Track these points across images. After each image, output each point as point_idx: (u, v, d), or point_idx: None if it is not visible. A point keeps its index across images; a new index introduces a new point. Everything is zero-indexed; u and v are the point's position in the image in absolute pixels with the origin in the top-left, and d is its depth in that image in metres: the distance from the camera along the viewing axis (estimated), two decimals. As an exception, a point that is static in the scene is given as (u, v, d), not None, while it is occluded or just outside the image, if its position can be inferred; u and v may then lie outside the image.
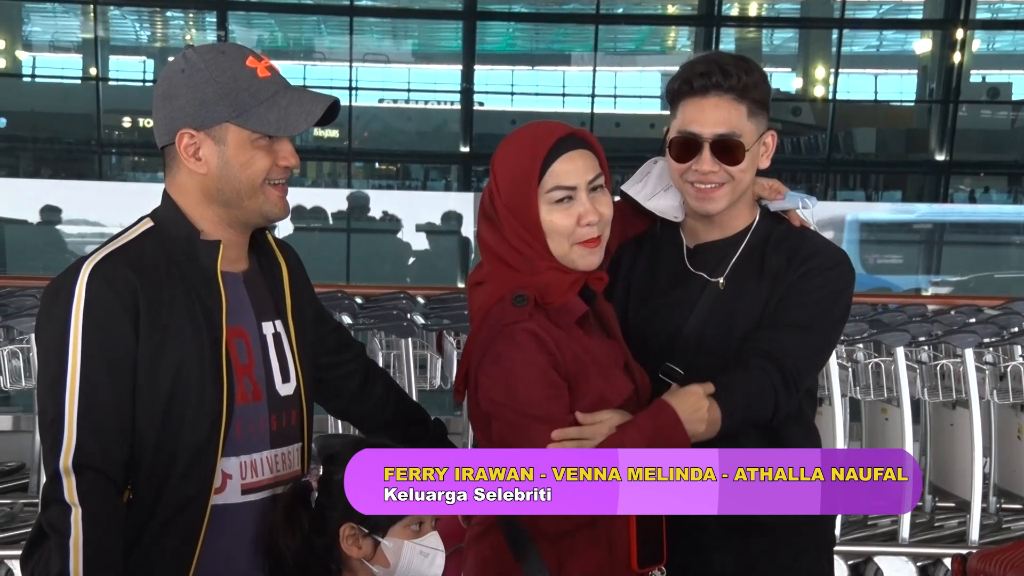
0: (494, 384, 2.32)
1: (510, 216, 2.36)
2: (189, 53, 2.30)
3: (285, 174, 2.32)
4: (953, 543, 5.71)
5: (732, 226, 2.63)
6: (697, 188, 2.55)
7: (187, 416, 2.22)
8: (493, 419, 2.34)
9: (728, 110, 2.51)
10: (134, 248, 2.26)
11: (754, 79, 2.52)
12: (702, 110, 2.51)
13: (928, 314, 7.05)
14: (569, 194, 2.35)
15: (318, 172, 19.21)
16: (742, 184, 2.56)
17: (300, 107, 2.27)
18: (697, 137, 2.51)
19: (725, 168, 2.52)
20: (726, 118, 2.51)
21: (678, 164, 2.55)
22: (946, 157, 17.10)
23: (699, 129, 2.51)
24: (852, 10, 17.90)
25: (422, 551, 2.32)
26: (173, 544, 2.24)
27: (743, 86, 2.50)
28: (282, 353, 2.39)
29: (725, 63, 2.51)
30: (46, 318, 2.23)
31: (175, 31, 19.86)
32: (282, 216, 2.35)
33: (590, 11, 17.57)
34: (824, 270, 2.57)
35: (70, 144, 18.01)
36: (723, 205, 2.56)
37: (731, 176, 2.53)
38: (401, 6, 18.65)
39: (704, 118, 2.51)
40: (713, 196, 2.54)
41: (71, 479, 2.14)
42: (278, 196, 2.32)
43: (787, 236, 2.63)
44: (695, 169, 2.53)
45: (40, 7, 18.66)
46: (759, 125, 2.55)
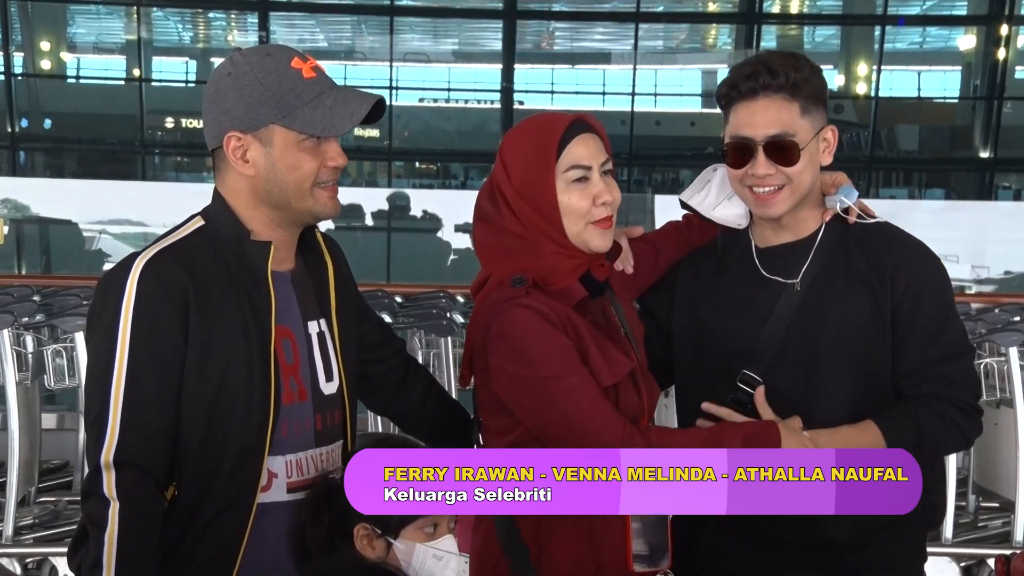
0: (508, 359, 2.31)
1: (521, 201, 2.36)
2: (236, 56, 2.31)
3: (334, 175, 2.32)
4: (997, 543, 5.67)
5: (803, 228, 2.56)
6: (756, 193, 2.49)
7: (234, 416, 2.23)
8: (521, 394, 2.32)
9: (779, 110, 2.45)
10: (185, 246, 2.27)
11: (804, 75, 2.46)
12: (752, 113, 2.46)
13: (972, 312, 6.99)
14: (585, 174, 2.36)
15: (359, 172, 19.29)
16: (803, 185, 2.48)
17: (345, 107, 2.28)
18: (749, 140, 2.46)
19: (781, 170, 2.45)
20: (777, 118, 2.44)
21: (735, 170, 2.49)
22: (990, 154, 16.96)
23: (751, 132, 2.46)
24: (895, 6, 17.80)
25: (435, 554, 2.30)
26: (218, 541, 2.25)
27: (793, 83, 2.44)
28: (326, 352, 2.40)
29: (772, 62, 2.46)
30: (97, 313, 2.25)
31: (217, 32, 20.00)
32: (333, 215, 2.35)
33: (630, 9, 17.54)
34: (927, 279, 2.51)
35: (114, 145, 18.17)
36: (785, 208, 2.49)
37: (789, 178, 2.46)
38: (441, 5, 18.70)
39: (755, 120, 2.45)
40: (773, 200, 2.48)
41: (111, 474, 2.15)
42: (328, 197, 2.32)
43: (869, 233, 2.55)
44: (751, 173, 2.47)
45: (84, 9, 18.84)
46: (815, 122, 2.48)
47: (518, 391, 2.32)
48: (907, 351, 2.48)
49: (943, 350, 2.49)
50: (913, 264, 2.51)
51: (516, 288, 2.33)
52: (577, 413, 2.27)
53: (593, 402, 2.28)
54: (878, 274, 2.50)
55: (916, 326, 2.48)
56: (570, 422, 2.28)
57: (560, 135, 2.35)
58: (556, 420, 2.29)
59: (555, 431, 2.30)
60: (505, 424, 2.38)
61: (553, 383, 2.28)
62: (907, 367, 2.48)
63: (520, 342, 2.30)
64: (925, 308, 2.48)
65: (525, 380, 2.30)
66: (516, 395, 2.32)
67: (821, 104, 2.50)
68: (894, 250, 2.52)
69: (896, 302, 2.48)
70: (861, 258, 2.52)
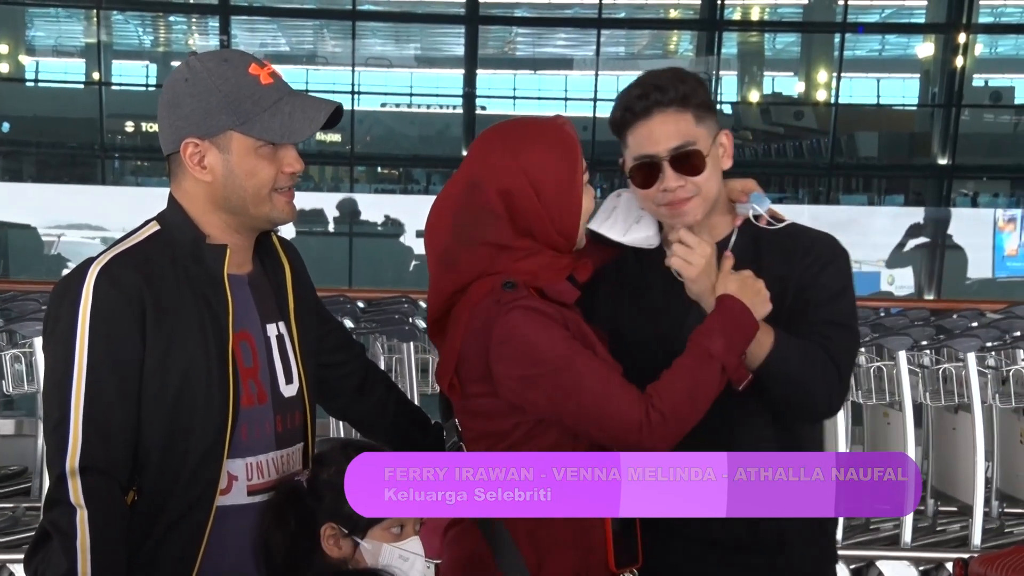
0: (515, 361, 2.33)
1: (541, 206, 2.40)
2: (192, 61, 2.30)
3: (291, 180, 2.33)
4: (955, 547, 5.71)
5: (715, 234, 2.61)
6: (669, 207, 2.53)
7: (194, 419, 2.23)
8: (534, 392, 2.33)
9: (675, 122, 2.49)
10: (141, 251, 2.27)
11: (690, 86, 2.51)
12: (651, 130, 2.50)
13: (930, 318, 7.05)
14: (588, 177, 2.47)
15: (320, 176, 19.22)
16: (711, 193, 2.54)
17: (303, 113, 2.28)
18: (654, 157, 2.50)
19: (691, 180, 2.50)
20: (676, 130, 2.49)
21: (644, 191, 2.54)
22: (948, 161, 17.09)
23: (653, 149, 2.50)
24: (854, 14, 17.92)
25: (401, 554, 2.31)
26: (178, 545, 2.25)
27: (682, 96, 2.50)
28: (285, 354, 2.40)
29: (658, 80, 2.52)
30: (53, 319, 2.24)
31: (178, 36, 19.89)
32: (290, 220, 2.36)
33: (592, 15, 17.58)
34: (828, 263, 2.58)
35: (73, 149, 18.03)
36: (699, 215, 2.54)
37: (698, 187, 2.51)
38: (403, 10, 18.68)
39: (655, 137, 2.50)
40: (685, 209, 2.52)
41: (76, 480, 2.15)
42: (285, 202, 2.33)
43: (779, 233, 2.61)
44: (662, 189, 2.51)
45: (43, 12, 18.70)
46: (710, 128, 2.54)
47: (530, 391, 2.34)
48: (798, 316, 2.53)
49: (830, 316, 2.54)
50: (819, 254, 2.58)
51: (509, 292, 2.35)
52: (593, 399, 2.30)
53: (606, 385, 2.31)
54: (792, 269, 2.56)
55: (811, 296, 2.54)
56: (588, 409, 2.31)
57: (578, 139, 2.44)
58: (573, 410, 2.32)
59: (574, 420, 2.33)
60: (497, 429, 2.39)
61: (564, 375, 2.31)
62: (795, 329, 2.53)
63: (523, 342, 2.32)
64: (823, 282, 2.55)
65: (535, 378, 2.32)
66: (530, 395, 2.34)
67: (711, 111, 2.56)
68: (801, 244, 2.59)
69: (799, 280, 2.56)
70: (773, 259, 2.58)
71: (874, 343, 5.89)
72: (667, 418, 2.30)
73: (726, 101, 18.90)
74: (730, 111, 19.07)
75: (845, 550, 5.55)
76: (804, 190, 18.77)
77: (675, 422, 2.31)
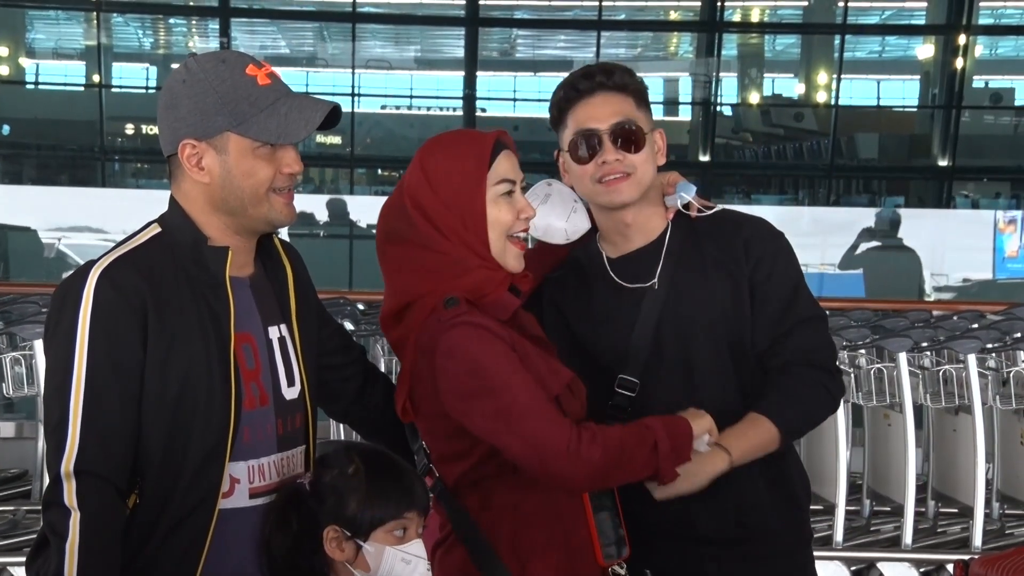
0: (457, 377, 2.32)
1: (448, 214, 2.38)
2: (190, 62, 2.30)
3: (290, 181, 2.32)
4: (956, 549, 5.70)
5: (651, 230, 2.66)
6: (605, 183, 2.58)
7: (195, 422, 2.23)
8: (474, 413, 2.33)
9: (618, 103, 2.59)
10: (142, 253, 2.26)
11: (633, 79, 2.62)
12: (594, 107, 2.58)
13: (930, 319, 7.04)
14: (512, 188, 2.43)
15: (320, 178, 19.23)
16: (646, 176, 2.60)
17: (300, 114, 2.27)
18: (595, 131, 2.57)
19: (628, 157, 2.56)
20: (619, 109, 2.58)
21: (582, 166, 2.59)
22: (949, 163, 17.10)
23: (596, 124, 2.57)
24: (854, 15, 17.91)
25: (404, 557, 2.30)
26: (180, 548, 2.24)
27: (624, 83, 2.60)
28: (287, 357, 2.39)
29: (605, 66, 2.62)
30: (54, 322, 2.24)
31: (178, 38, 19.90)
32: (288, 222, 2.35)
33: (592, 17, 17.58)
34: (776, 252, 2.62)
35: (73, 151, 18.04)
36: (632, 196, 2.58)
37: (635, 166, 2.57)
38: (403, 12, 18.68)
39: (598, 113, 2.58)
40: (620, 187, 2.58)
41: (71, 483, 2.14)
42: (283, 203, 2.32)
43: (713, 222, 2.66)
44: (600, 162, 2.57)
45: (43, 14, 18.70)
46: (648, 120, 2.63)
47: (469, 404, 2.33)
48: (764, 322, 2.60)
49: (797, 317, 2.60)
50: (760, 240, 2.63)
51: (452, 309, 2.34)
52: (527, 422, 2.30)
53: (540, 406, 2.31)
54: (731, 255, 2.61)
55: (771, 297, 2.60)
56: (518, 429, 2.30)
57: (491, 149, 2.40)
58: (503, 429, 2.31)
59: (506, 440, 2.32)
60: (460, 448, 2.40)
61: (503, 394, 2.30)
62: (765, 338, 2.60)
63: (466, 357, 2.32)
64: (777, 278, 2.61)
65: (478, 395, 2.31)
66: (467, 409, 2.33)
67: (649, 110, 2.65)
68: (742, 229, 2.64)
69: (750, 273, 2.60)
70: (711, 245, 2.63)
71: (874, 345, 5.88)
72: (594, 449, 2.29)
73: (726, 103, 18.91)
74: (730, 113, 19.08)
75: (845, 552, 5.55)
76: (804, 192, 18.79)
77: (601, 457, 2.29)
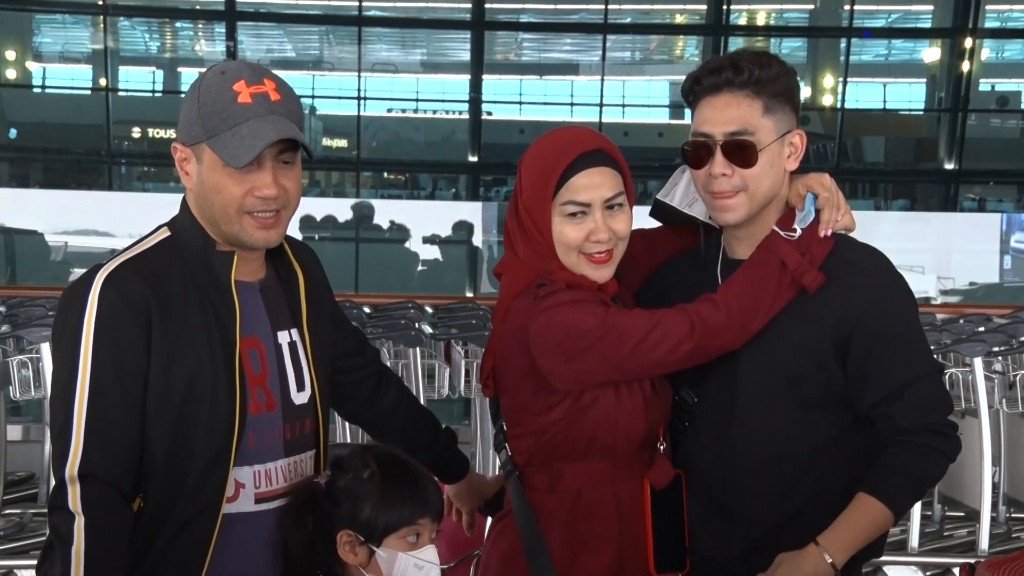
0: (561, 345, 2.32)
1: (528, 217, 2.39)
2: (209, 67, 2.32)
3: (263, 204, 2.25)
4: (962, 552, 5.71)
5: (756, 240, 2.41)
6: (712, 196, 2.37)
7: (199, 427, 2.23)
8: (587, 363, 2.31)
9: (739, 107, 2.33)
10: (149, 258, 2.26)
11: (771, 73, 2.34)
12: (714, 109, 2.35)
13: (937, 323, 7.04)
14: (583, 210, 2.35)
15: (327, 181, 19.23)
16: (760, 191, 2.35)
17: (253, 139, 2.21)
18: (709, 138, 2.35)
19: (739, 171, 2.33)
20: (737, 115, 2.32)
21: (696, 171, 2.39)
22: (955, 166, 17.07)
23: (711, 129, 2.35)
24: (861, 19, 17.90)
25: (416, 563, 2.30)
26: (184, 552, 2.24)
27: (756, 80, 2.33)
28: (297, 362, 2.38)
29: (739, 59, 2.35)
30: (60, 327, 2.24)
31: (184, 42, 19.90)
32: (262, 246, 2.30)
33: (598, 20, 17.58)
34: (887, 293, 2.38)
35: (80, 155, 18.05)
36: (741, 215, 2.37)
37: (745, 182, 2.34)
38: (409, 16, 18.68)
39: (716, 117, 2.34)
40: (729, 204, 2.36)
41: (76, 487, 2.14)
42: (255, 226, 2.26)
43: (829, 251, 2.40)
44: (710, 174, 2.35)
45: (50, 18, 18.72)
46: (779, 123, 2.36)
47: (583, 364, 2.32)
48: (874, 378, 2.35)
49: (912, 374, 2.36)
50: (868, 288, 2.37)
51: (544, 288, 2.35)
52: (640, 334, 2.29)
53: (648, 319, 2.31)
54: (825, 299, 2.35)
55: (880, 352, 2.35)
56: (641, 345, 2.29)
57: (564, 168, 2.35)
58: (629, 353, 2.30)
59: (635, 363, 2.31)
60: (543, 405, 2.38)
61: (609, 334, 2.30)
62: (874, 395, 2.36)
63: (561, 326, 2.31)
64: (886, 333, 2.35)
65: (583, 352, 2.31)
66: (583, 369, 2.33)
67: (789, 106, 2.38)
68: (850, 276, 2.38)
69: (848, 330, 2.35)
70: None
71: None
72: (716, 314, 2.28)
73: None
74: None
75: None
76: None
77: (726, 315, 2.28)
